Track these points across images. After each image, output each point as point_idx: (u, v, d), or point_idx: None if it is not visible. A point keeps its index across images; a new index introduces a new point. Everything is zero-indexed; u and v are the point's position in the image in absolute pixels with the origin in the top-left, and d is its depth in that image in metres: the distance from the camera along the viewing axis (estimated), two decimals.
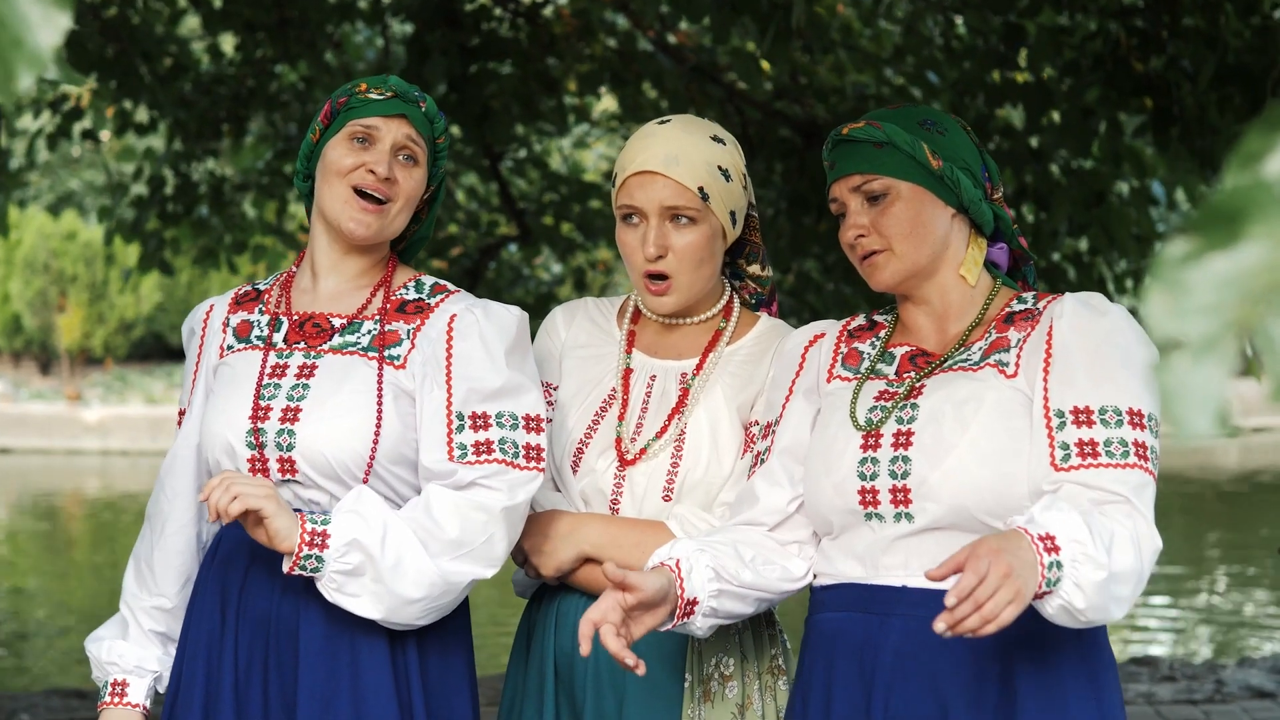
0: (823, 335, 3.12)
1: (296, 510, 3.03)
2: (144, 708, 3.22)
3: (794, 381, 3.08)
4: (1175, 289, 1.03)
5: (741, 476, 3.15)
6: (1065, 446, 2.76)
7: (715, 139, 3.22)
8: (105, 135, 10.51)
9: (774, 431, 3.08)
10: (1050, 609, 2.60)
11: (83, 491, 23.11)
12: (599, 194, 10.23)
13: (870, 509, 2.86)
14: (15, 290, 32.31)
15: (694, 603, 2.85)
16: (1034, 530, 2.58)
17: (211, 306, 3.30)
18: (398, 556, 2.96)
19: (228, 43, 10.61)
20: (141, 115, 9.97)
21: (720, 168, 3.18)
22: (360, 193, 3.12)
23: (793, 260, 9.33)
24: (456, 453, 3.04)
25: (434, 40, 8.38)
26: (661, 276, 3.19)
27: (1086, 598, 2.58)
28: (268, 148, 10.52)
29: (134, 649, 3.22)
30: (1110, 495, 2.72)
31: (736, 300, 3.33)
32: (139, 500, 20.51)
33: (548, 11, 9.10)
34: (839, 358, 3.06)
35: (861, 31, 9.47)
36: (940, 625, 2.51)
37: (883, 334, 3.06)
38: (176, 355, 33.19)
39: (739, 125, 8.90)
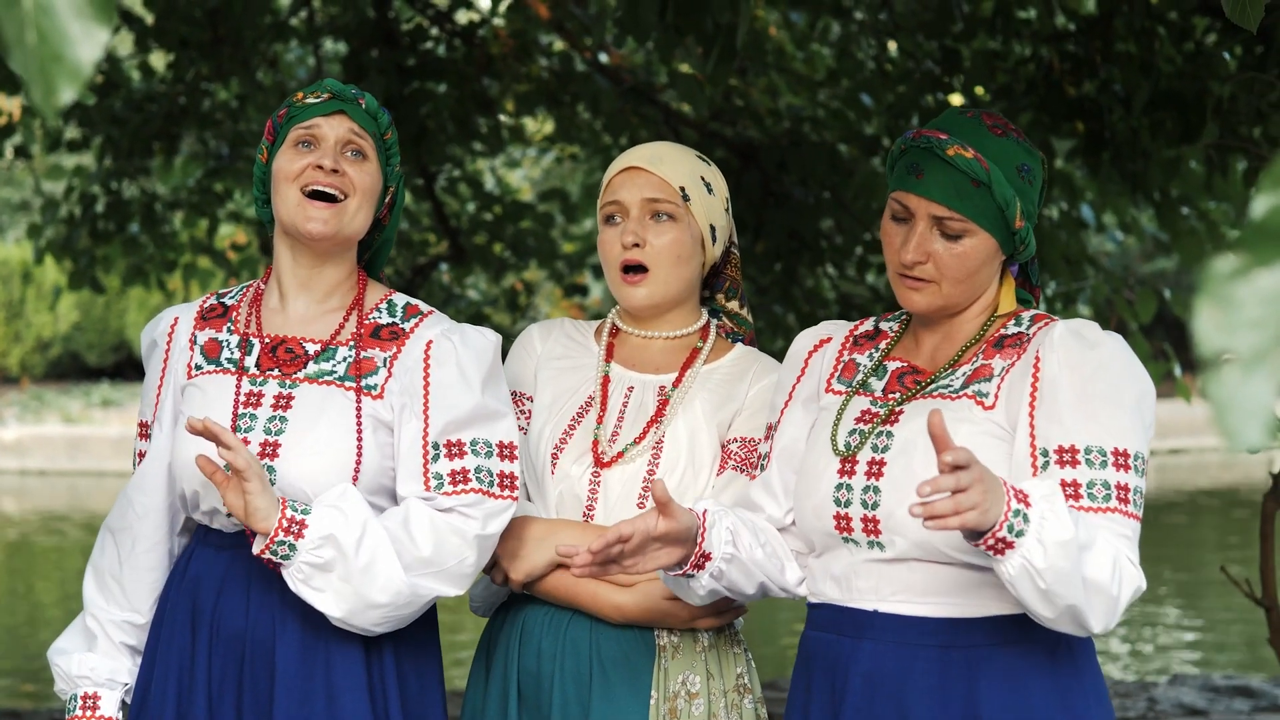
0: (829, 340, 3.12)
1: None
2: None
3: (794, 387, 3.09)
4: (1224, 304, 1.06)
5: (718, 492, 3.17)
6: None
7: (700, 158, 3.34)
8: (34, 151, 10.42)
9: (773, 436, 3.09)
10: (1011, 568, 2.57)
11: (1, 512, 22.85)
12: (532, 214, 10.24)
13: (845, 534, 2.88)
14: None
15: (707, 557, 2.87)
16: (1012, 484, 2.59)
17: (176, 319, 3.26)
18: (371, 559, 2.96)
19: (160, 60, 10.55)
20: (73, 132, 9.90)
21: (704, 179, 3.29)
22: (314, 194, 3.11)
23: None
24: (433, 483, 3.06)
25: (370, 60, 8.38)
26: (638, 269, 3.23)
27: (1047, 556, 2.55)
28: (199, 166, 10.47)
29: (105, 661, 3.20)
30: None
31: (714, 326, 3.37)
32: (57, 520, 20.32)
33: (484, 32, 9.10)
34: (839, 368, 3.06)
35: (795, 54, 9.53)
36: (926, 488, 2.48)
37: (883, 345, 3.05)
38: (94, 374, 32.91)
39: None
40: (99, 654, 3.21)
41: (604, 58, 9.13)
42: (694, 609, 3.15)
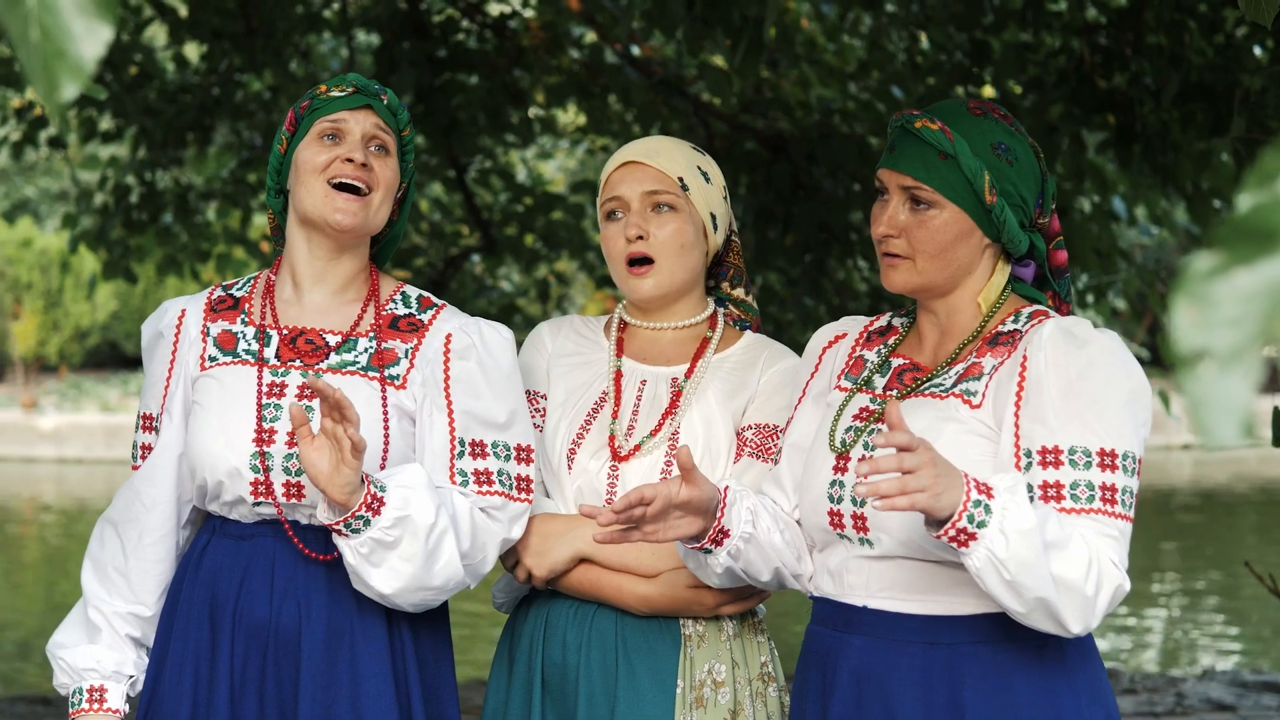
0: (844, 336, 3.13)
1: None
2: (123, 713, 3.19)
3: (808, 383, 3.10)
4: (1201, 302, 1.07)
5: (735, 481, 3.18)
6: (1030, 488, 2.73)
7: (695, 149, 3.37)
8: (69, 141, 10.48)
9: (786, 432, 3.11)
10: (977, 559, 2.58)
11: (39, 499, 22.99)
12: (563, 205, 10.26)
13: (839, 530, 2.90)
14: None
15: (725, 534, 2.89)
16: (974, 476, 2.61)
17: (184, 311, 3.26)
18: (437, 545, 3.00)
19: (193, 51, 10.60)
20: (107, 123, 9.95)
21: (700, 169, 3.31)
22: (340, 185, 3.13)
23: (758, 273, 9.37)
24: (459, 478, 3.09)
25: (402, 51, 8.40)
26: (644, 260, 3.26)
27: (1009, 546, 2.56)
28: (232, 156, 10.52)
29: (110, 653, 3.19)
30: None
31: (721, 315, 3.38)
32: (94, 507, 20.42)
33: (515, 24, 9.12)
34: (849, 364, 3.07)
35: (826, 46, 9.52)
36: (863, 467, 2.52)
37: (891, 341, 3.06)
38: (132, 363, 33.02)
39: (705, 138, 8.94)
40: (104, 646, 3.19)
41: (636, 50, 9.14)
42: (718, 596, 3.17)
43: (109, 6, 1.31)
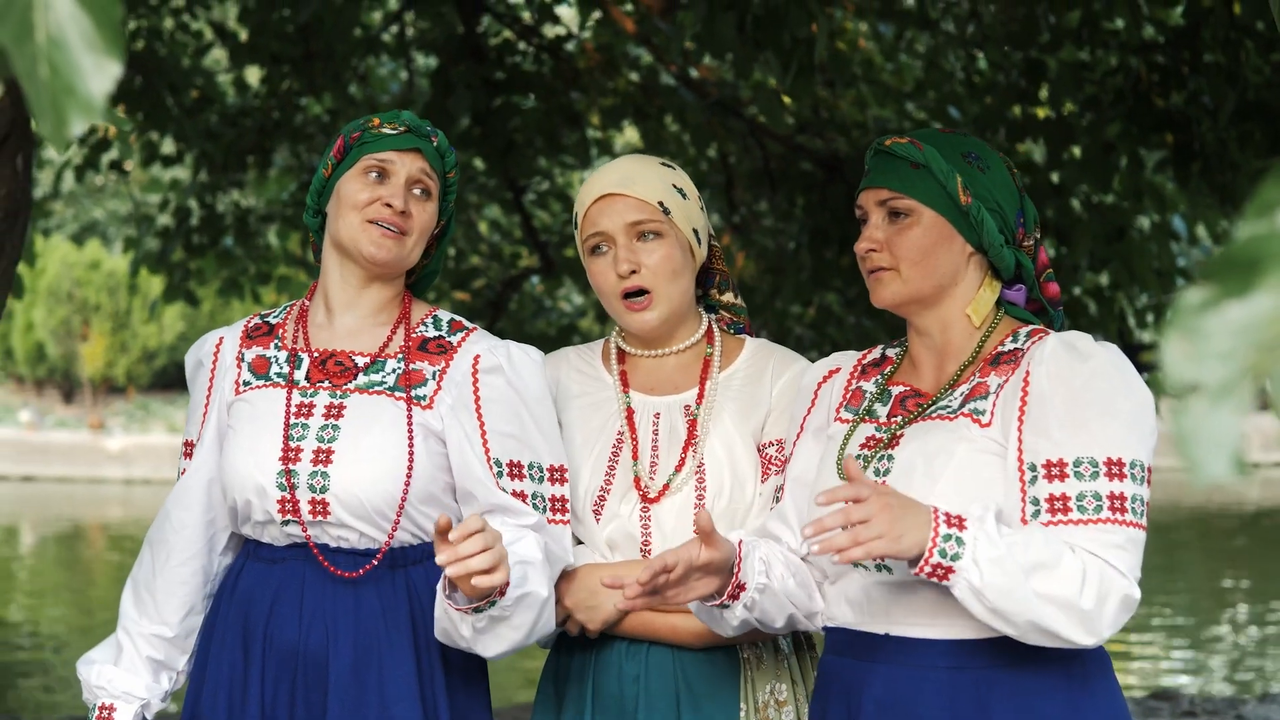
0: (837, 370, 3.11)
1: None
2: None
3: (805, 419, 3.08)
4: (1193, 335, 1.06)
5: (765, 500, 3.16)
6: (1036, 502, 2.73)
7: (664, 164, 3.31)
8: (129, 165, 10.57)
9: (786, 469, 3.09)
10: (958, 591, 2.62)
11: (105, 520, 23.17)
12: None
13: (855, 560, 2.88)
14: (39, 319, 32.42)
15: (742, 587, 2.87)
16: (945, 509, 2.63)
17: (221, 339, 3.29)
18: (546, 616, 3.07)
19: (253, 75, 10.67)
20: (168, 147, 10.04)
21: (675, 186, 3.26)
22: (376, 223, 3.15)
23: (814, 293, 9.36)
24: (505, 492, 3.10)
25: (459, 74, 8.44)
26: (640, 292, 3.21)
27: (983, 575, 2.59)
28: (292, 179, 10.59)
29: (124, 675, 3.22)
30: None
31: (716, 327, 3.36)
32: None
33: (571, 46, 9.15)
34: (846, 397, 3.05)
35: (884, 66, 9.52)
36: (809, 530, 2.57)
37: (888, 370, 3.04)
38: None
39: (761, 159, 8.94)
40: (121, 668, 3.23)
41: (694, 72, 9.16)
42: None
43: (118, 42, 1.32)
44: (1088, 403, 2.73)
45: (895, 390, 3.00)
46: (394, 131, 3.18)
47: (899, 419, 2.94)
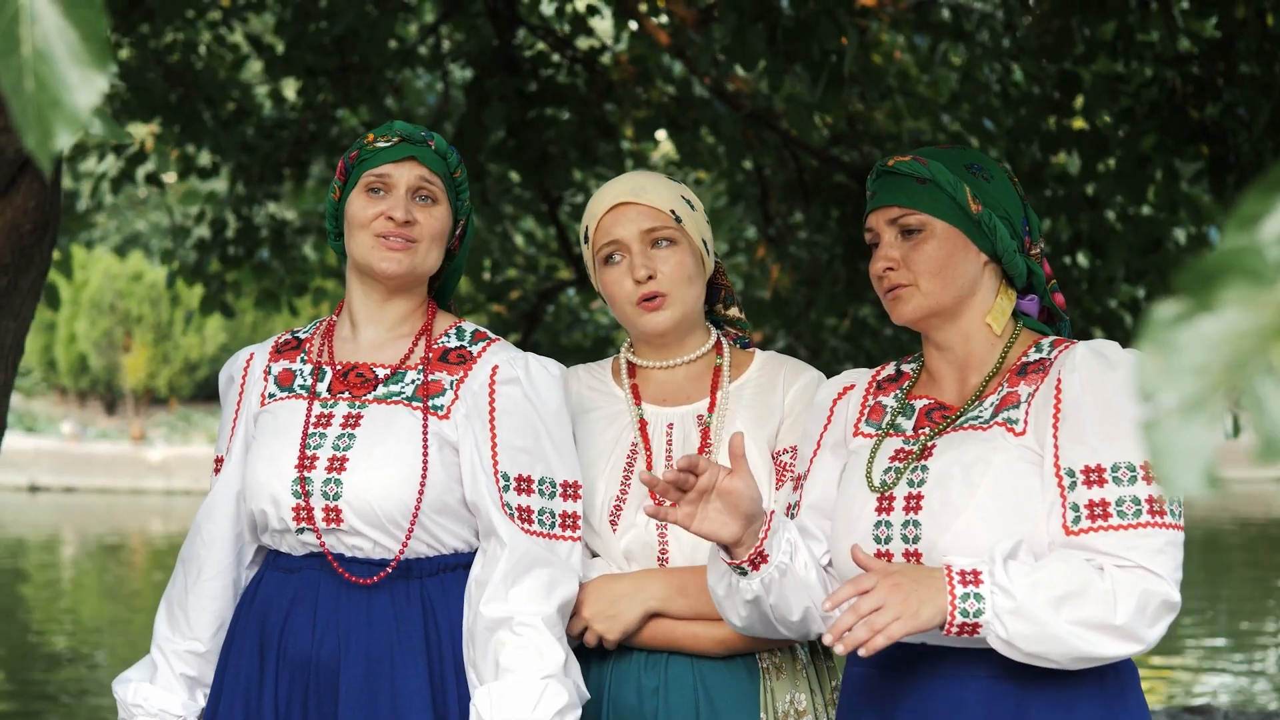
0: (852, 387, 3.11)
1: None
2: None
3: (821, 435, 3.08)
4: (1165, 349, 1.06)
5: (780, 508, 3.16)
6: (1076, 508, 2.74)
7: (671, 178, 3.37)
8: (169, 178, 10.62)
9: (803, 485, 3.08)
10: (992, 641, 2.66)
11: (147, 531, 23.26)
12: None
13: None
14: (81, 330, 32.56)
15: (764, 558, 2.87)
16: (959, 565, 2.66)
17: (251, 355, 3.34)
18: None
19: (290, 88, 10.72)
20: (204, 159, 10.08)
21: (684, 198, 3.32)
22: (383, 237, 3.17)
23: (849, 306, 9.34)
24: (506, 511, 3.09)
25: (493, 86, 8.46)
26: (654, 295, 3.25)
27: (1008, 629, 2.63)
28: (329, 191, 10.61)
29: (160, 693, 3.24)
30: (1121, 560, 2.71)
31: (724, 339, 3.38)
32: None
33: (605, 58, 9.16)
34: (865, 412, 3.06)
35: (919, 78, 9.50)
36: (827, 638, 2.62)
37: (906, 385, 3.05)
38: None
39: (795, 171, 8.93)
40: (157, 686, 3.25)
41: (730, 86, 9.16)
42: None
43: (104, 56, 1.32)
44: (1120, 408, 2.75)
45: (918, 404, 3.00)
46: (388, 144, 3.22)
47: (927, 430, 2.94)
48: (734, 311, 3.44)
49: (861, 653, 2.60)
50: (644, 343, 3.36)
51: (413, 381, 3.18)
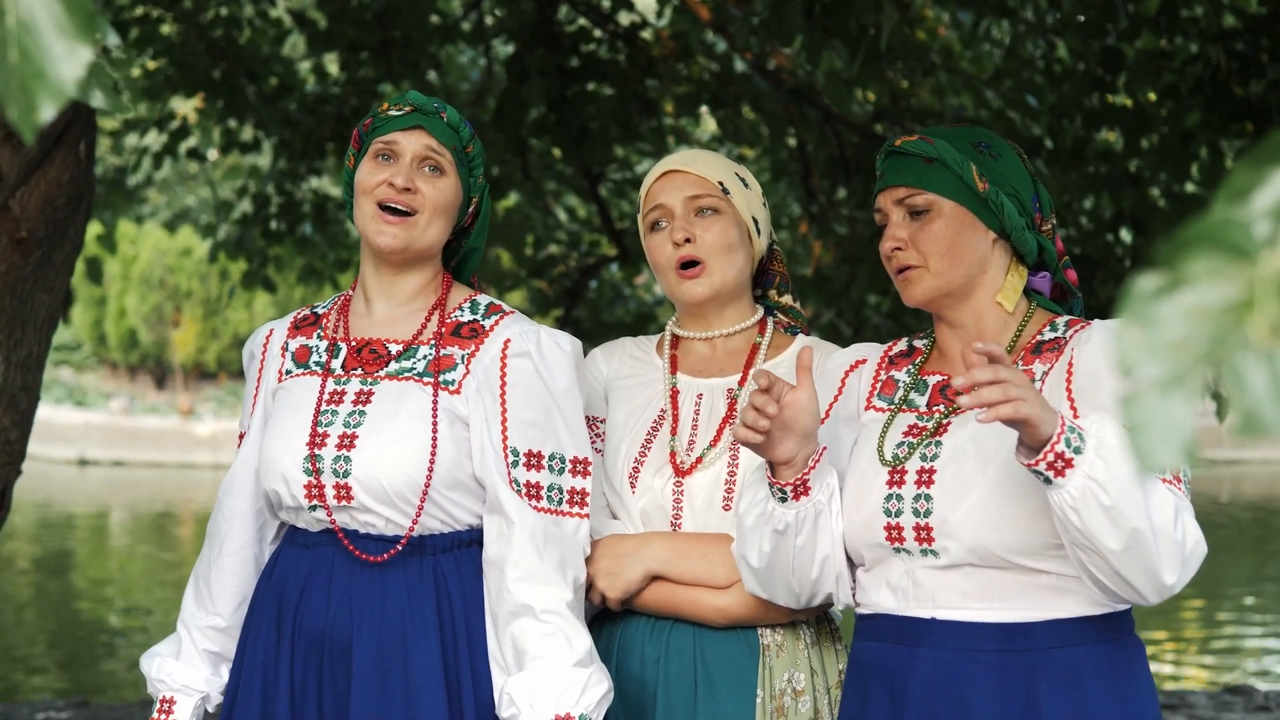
0: (864, 361, 3.12)
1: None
2: None
3: (831, 406, 3.09)
4: (1145, 322, 1.04)
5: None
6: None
7: (731, 161, 3.41)
8: (213, 154, 10.65)
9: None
10: (1074, 489, 2.58)
11: (195, 504, 23.39)
12: None
13: (897, 544, 2.88)
14: (131, 305, 32.73)
15: (806, 490, 2.89)
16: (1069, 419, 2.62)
17: (271, 331, 3.35)
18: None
19: (332, 63, 10.73)
20: (247, 134, 10.10)
21: (738, 175, 3.36)
22: (385, 207, 3.16)
23: (889, 285, 9.30)
24: (514, 487, 3.09)
25: (533, 61, 8.44)
26: (693, 263, 3.27)
27: (1109, 468, 2.57)
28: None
29: (183, 668, 3.27)
30: None
31: (770, 321, 3.39)
32: None
33: (646, 34, 9.13)
34: (877, 386, 3.07)
35: (962, 54, 9.44)
36: (958, 381, 2.55)
37: (919, 360, 3.05)
38: None
39: (836, 147, 8.89)
40: (181, 662, 3.27)
41: (772, 62, 9.12)
42: None
43: (89, 28, 1.32)
44: None
45: (931, 380, 3.01)
46: (399, 113, 3.21)
47: (941, 407, 2.94)
48: (787, 299, 3.46)
49: (981, 417, 2.55)
50: (685, 313, 3.40)
51: (425, 357, 3.18)
